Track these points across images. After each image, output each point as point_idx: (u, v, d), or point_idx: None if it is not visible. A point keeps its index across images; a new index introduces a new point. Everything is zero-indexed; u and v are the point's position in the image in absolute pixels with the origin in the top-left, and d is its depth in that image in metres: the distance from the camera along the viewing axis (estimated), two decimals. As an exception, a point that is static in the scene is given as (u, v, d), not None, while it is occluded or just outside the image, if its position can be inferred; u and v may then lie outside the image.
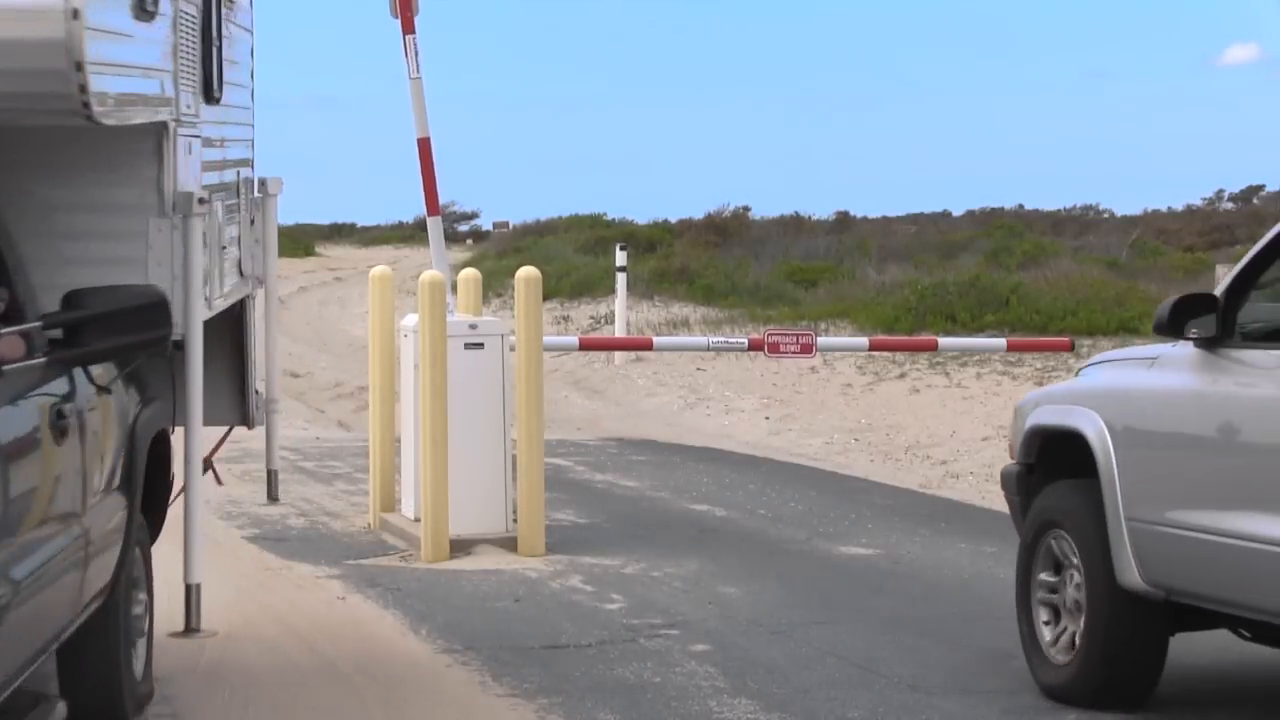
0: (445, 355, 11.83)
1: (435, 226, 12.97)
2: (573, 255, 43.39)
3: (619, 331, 26.76)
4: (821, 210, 66.56)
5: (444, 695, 8.47)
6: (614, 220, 59.29)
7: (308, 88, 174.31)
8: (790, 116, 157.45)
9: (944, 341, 16.75)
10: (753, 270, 35.81)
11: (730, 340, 12.25)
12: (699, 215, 51.66)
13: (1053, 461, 8.39)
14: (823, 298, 30.56)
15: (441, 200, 12.94)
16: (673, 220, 54.80)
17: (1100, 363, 8.54)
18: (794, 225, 50.99)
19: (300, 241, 79.70)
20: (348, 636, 9.72)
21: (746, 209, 54.00)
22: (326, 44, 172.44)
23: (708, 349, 12.19)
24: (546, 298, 27.15)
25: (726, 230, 48.03)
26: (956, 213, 69.87)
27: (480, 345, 12.23)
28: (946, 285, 28.03)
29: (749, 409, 21.14)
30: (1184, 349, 7.65)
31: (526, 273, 12.22)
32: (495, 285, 32.64)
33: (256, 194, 10.47)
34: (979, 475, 16.19)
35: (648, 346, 12.46)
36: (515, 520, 12.15)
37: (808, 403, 21.36)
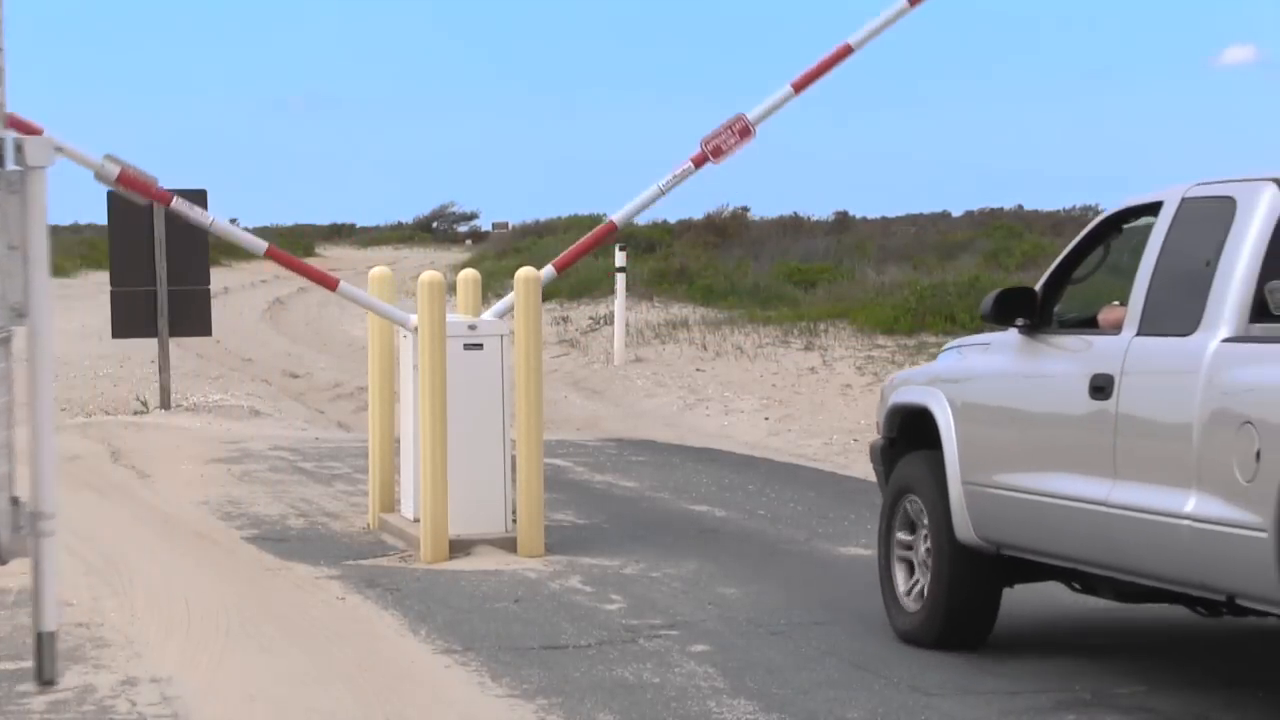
0: (444, 356, 11.83)
1: (547, 276, 12.93)
2: (572, 256, 43.35)
3: (619, 333, 26.77)
4: (821, 211, 66.59)
5: (443, 695, 8.48)
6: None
7: (307, 88, 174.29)
8: (789, 117, 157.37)
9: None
10: (752, 271, 35.83)
11: (677, 171, 12.30)
12: (698, 216, 51.64)
13: (909, 435, 9.52)
14: (822, 298, 30.54)
15: (441, 201, 12.99)
16: (672, 221, 54.78)
17: (952, 348, 9.67)
18: (793, 226, 51.02)
19: (300, 242, 79.75)
20: (347, 637, 9.73)
21: (745, 209, 53.98)
22: (327, 44, 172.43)
23: (660, 193, 12.23)
24: (546, 298, 27.16)
25: (726, 231, 48.06)
26: (956, 213, 69.86)
27: (480, 346, 12.23)
28: (946, 286, 28.02)
29: (748, 409, 21.14)
30: (1011, 335, 8.86)
31: (526, 273, 12.22)
32: (495, 286, 32.63)
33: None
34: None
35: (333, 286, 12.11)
36: (515, 521, 12.15)
37: (807, 403, 21.35)
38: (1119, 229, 8.83)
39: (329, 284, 13.05)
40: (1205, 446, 7.41)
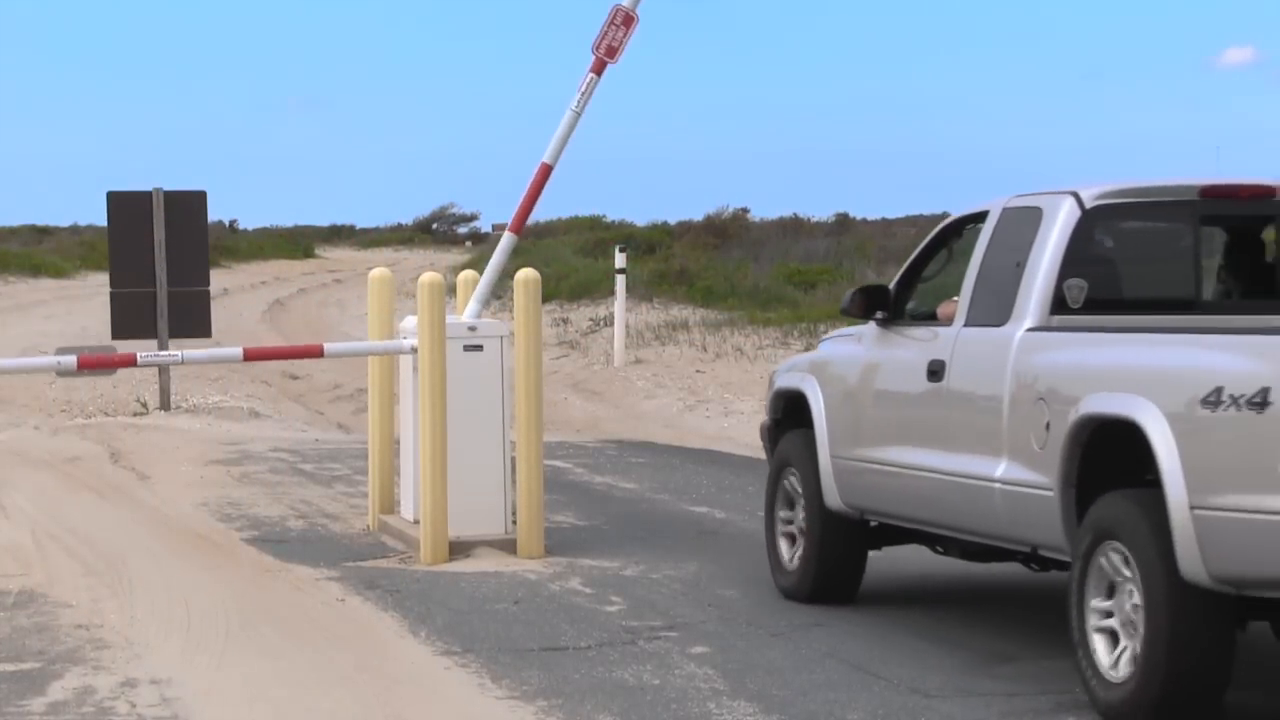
0: (444, 357, 11.83)
1: (508, 243, 12.93)
2: (572, 257, 43.38)
3: (619, 334, 26.75)
4: (821, 212, 66.65)
5: (443, 697, 8.48)
6: (613, 222, 59.33)
7: (307, 89, 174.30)
8: (789, 118, 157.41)
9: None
10: (752, 272, 35.81)
11: (582, 87, 12.18)
12: (698, 217, 51.68)
13: (790, 416, 10.84)
14: (822, 300, 30.52)
15: (440, 203, 12.99)
16: (672, 222, 54.85)
17: (828, 339, 11.08)
18: (793, 227, 51.00)
19: (299, 243, 79.76)
20: (347, 638, 9.73)
21: (745, 211, 54.00)
22: (327, 45, 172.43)
23: (576, 114, 12.12)
24: (546, 300, 27.14)
25: (726, 232, 48.03)
26: (956, 214, 69.81)
27: (479, 347, 12.23)
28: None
29: (748, 411, 21.12)
30: (871, 327, 10.14)
31: (525, 275, 12.22)
32: (495, 287, 32.63)
33: None
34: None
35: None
36: (514, 522, 12.15)
37: (807, 405, 21.33)
38: (959, 234, 10.02)
39: (315, 353, 13.15)
40: (1011, 421, 8.64)
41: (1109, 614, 7.97)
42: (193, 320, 21.20)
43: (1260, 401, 7.16)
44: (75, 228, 77.44)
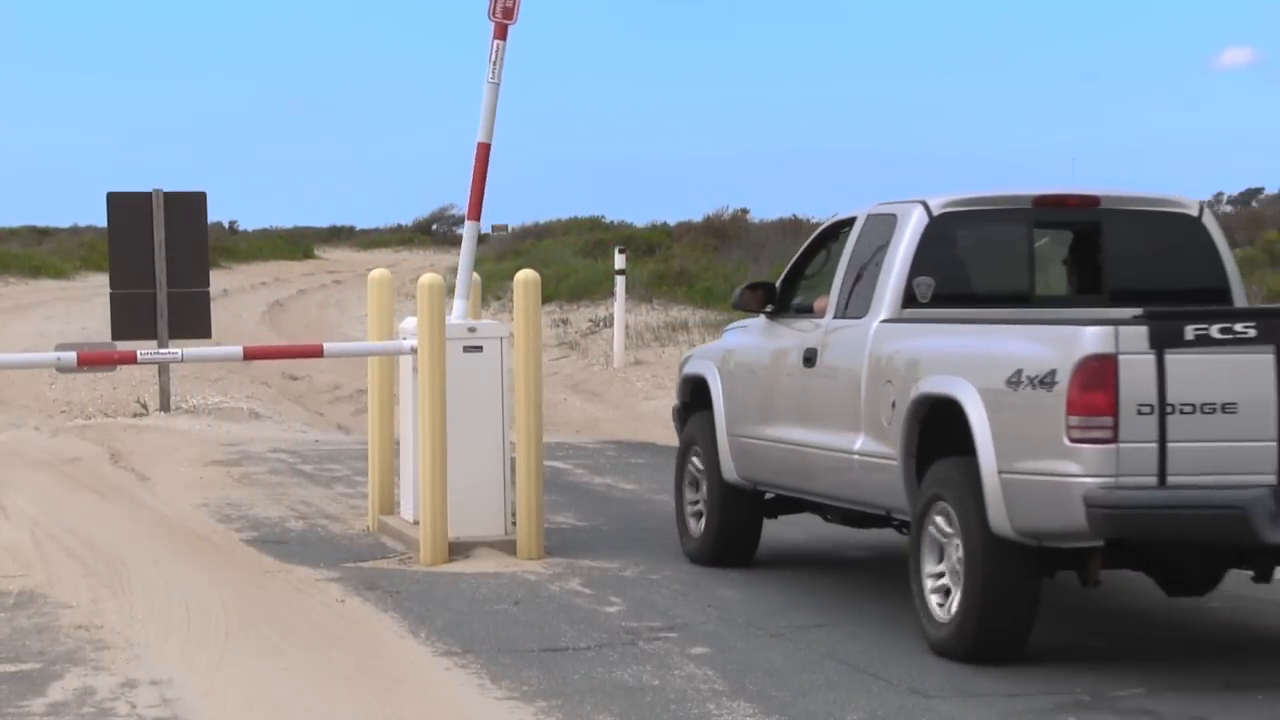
0: (444, 358, 11.83)
1: (471, 232, 12.95)
2: (571, 258, 43.37)
3: (618, 335, 26.75)
4: (820, 213, 66.53)
5: (443, 697, 8.48)
6: (613, 223, 59.28)
7: (306, 91, 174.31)
8: (789, 119, 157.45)
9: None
10: (752, 273, 35.76)
11: (491, 56, 12.07)
12: (698, 218, 51.61)
13: (695, 399, 11.98)
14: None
15: (440, 204, 13.01)
16: (671, 223, 54.79)
17: (729, 329, 12.17)
18: (793, 228, 50.92)
19: (299, 244, 79.77)
20: (347, 639, 9.73)
21: (745, 211, 53.93)
22: (327, 46, 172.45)
23: (495, 85, 11.99)
24: (545, 301, 27.14)
25: (725, 233, 47.99)
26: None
27: (479, 348, 12.23)
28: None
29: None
30: (762, 319, 11.34)
31: (525, 275, 12.22)
32: (494, 288, 32.63)
33: None
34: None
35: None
36: (514, 523, 12.16)
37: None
38: (836, 237, 11.03)
39: (315, 353, 13.18)
40: (867, 401, 9.90)
41: (940, 573, 9.12)
42: (192, 321, 21.20)
43: (1049, 381, 8.43)
44: (75, 229, 77.43)
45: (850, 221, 10.79)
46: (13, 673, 8.91)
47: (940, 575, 9.11)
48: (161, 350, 13.47)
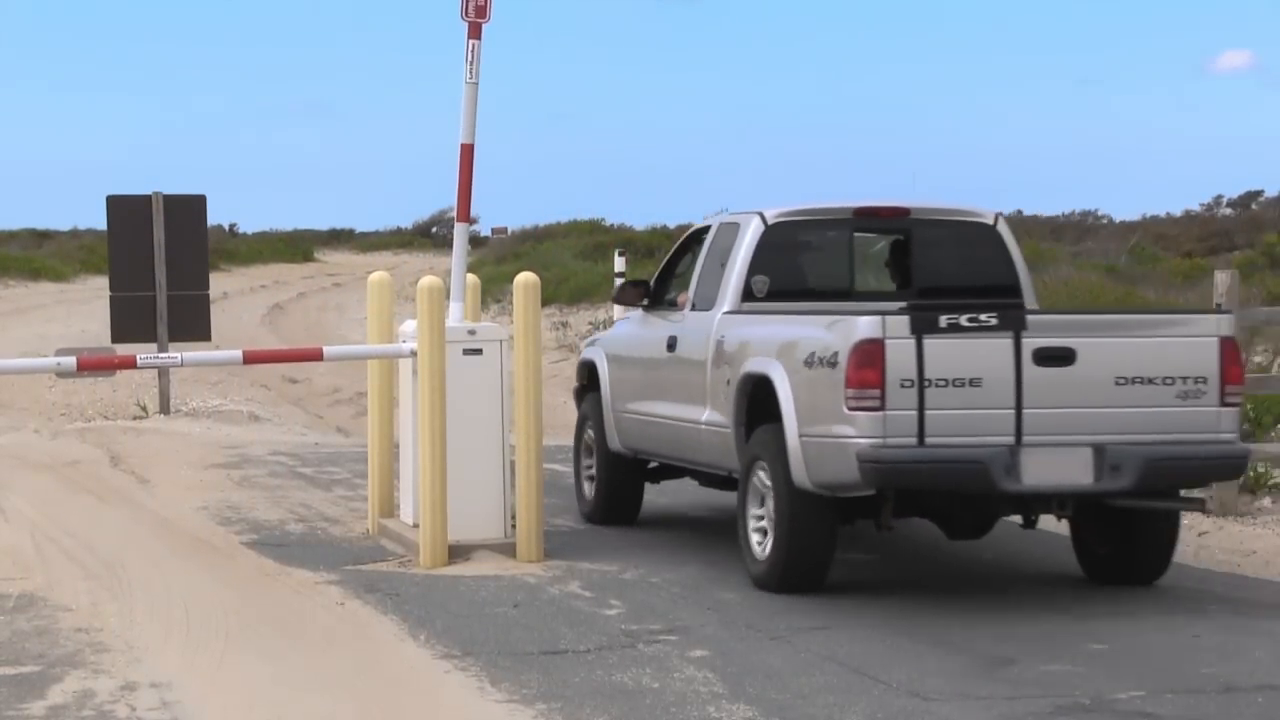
0: (444, 361, 11.83)
1: (462, 233, 12.96)
2: (571, 261, 43.39)
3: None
4: (820, 216, 66.37)
5: (442, 700, 8.48)
6: (612, 225, 59.28)
7: (306, 94, 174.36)
8: (788, 122, 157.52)
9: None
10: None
11: (468, 56, 12.05)
12: (698, 220, 51.53)
13: (589, 381, 13.78)
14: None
15: (439, 206, 13.06)
16: (671, 225, 54.76)
17: (619, 320, 14.12)
18: (792, 231, 50.80)
19: (299, 247, 79.78)
20: (346, 642, 9.73)
21: (745, 214, 53.77)
22: (325, 49, 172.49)
23: (474, 85, 11.97)
24: (545, 303, 27.13)
25: (725, 236, 47.88)
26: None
27: (479, 351, 12.23)
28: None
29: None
30: (639, 312, 13.26)
31: (525, 278, 12.23)
32: (494, 291, 32.65)
33: None
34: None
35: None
36: (514, 526, 12.16)
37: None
38: (698, 240, 12.82)
39: (315, 357, 13.46)
40: (711, 379, 11.74)
41: (761, 517, 10.99)
42: (192, 324, 21.22)
43: (834, 361, 10.19)
44: (75, 231, 77.41)
45: (708, 228, 12.69)
46: (12, 675, 8.91)
47: (761, 519, 10.99)
48: (161, 355, 13.56)
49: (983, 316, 10.21)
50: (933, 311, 10.18)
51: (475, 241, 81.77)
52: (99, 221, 23.51)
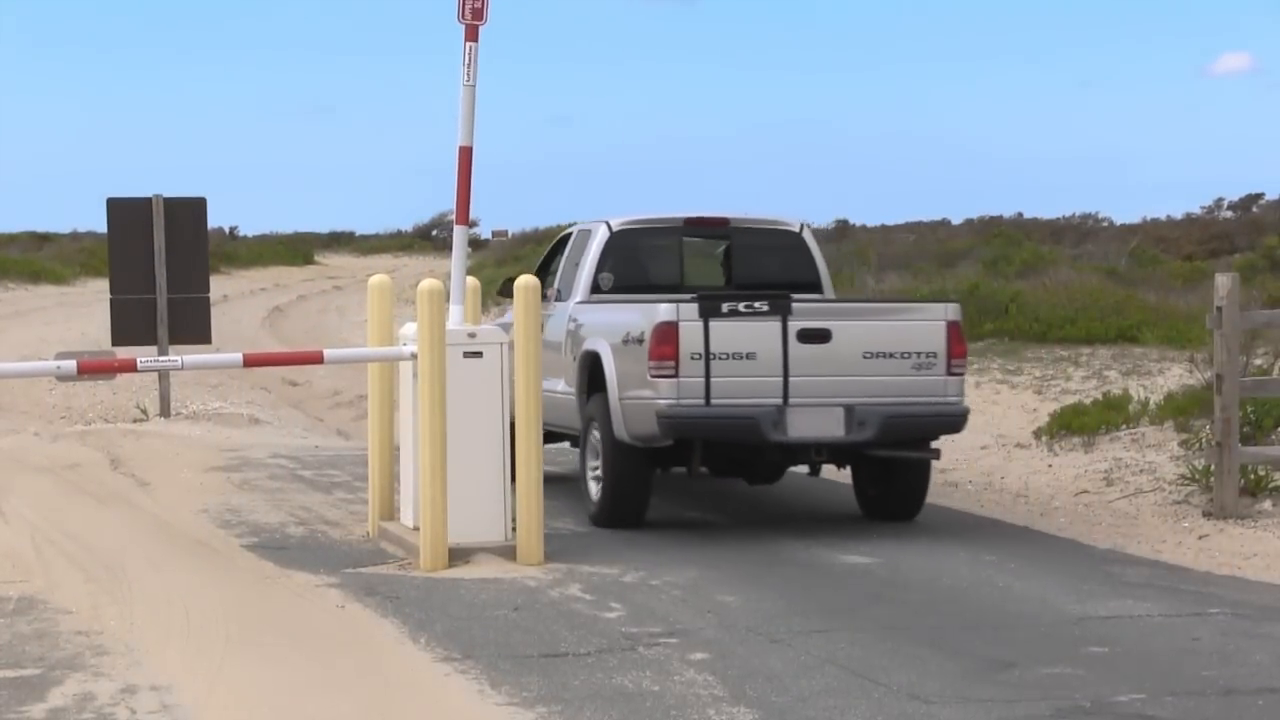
0: (444, 364, 11.83)
1: (461, 236, 12.97)
2: (572, 263, 43.26)
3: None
4: (821, 218, 66.63)
5: (443, 703, 8.48)
6: (613, 228, 59.17)
7: (306, 96, 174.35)
8: (788, 124, 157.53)
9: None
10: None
11: (465, 59, 12.18)
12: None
13: None
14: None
15: (440, 209, 13.12)
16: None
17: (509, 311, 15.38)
18: (793, 233, 50.76)
19: (299, 249, 79.77)
20: (347, 645, 9.73)
21: (745, 217, 53.75)
22: (325, 52, 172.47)
23: (471, 88, 12.05)
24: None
25: (725, 238, 47.88)
26: (955, 221, 69.92)
27: (479, 354, 12.23)
28: (946, 293, 28.02)
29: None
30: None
31: (525, 281, 12.23)
32: (494, 293, 32.60)
33: None
34: (978, 484, 16.19)
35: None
36: (514, 529, 12.15)
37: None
38: (565, 243, 15.43)
39: (315, 360, 13.68)
40: (566, 357, 14.18)
41: (596, 468, 13.46)
42: (192, 326, 21.23)
43: (641, 339, 12.81)
44: (75, 234, 77.36)
45: (571, 234, 15.38)
46: (13, 678, 8.91)
47: (596, 469, 13.49)
48: (162, 358, 13.69)
49: (756, 304, 12.82)
50: (718, 300, 12.82)
51: (475, 244, 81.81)
52: (99, 224, 23.52)
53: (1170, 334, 24.53)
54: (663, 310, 12.72)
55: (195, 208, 21.54)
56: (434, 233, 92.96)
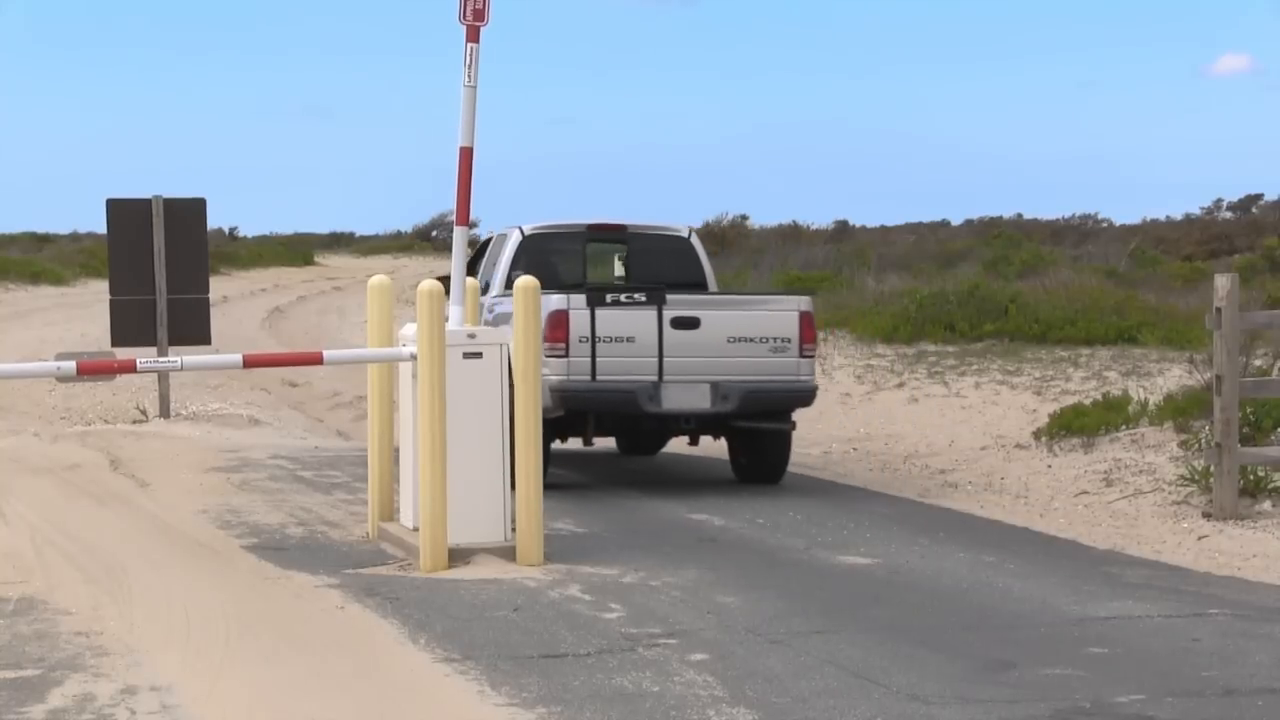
0: (444, 365, 11.83)
1: (461, 237, 12.97)
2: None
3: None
4: (820, 219, 66.68)
5: (442, 704, 8.48)
6: (613, 229, 59.10)
7: (305, 97, 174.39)
8: (789, 125, 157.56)
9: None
10: (752, 279, 35.82)
11: (466, 59, 12.16)
12: (697, 224, 51.58)
13: None
14: (821, 307, 30.48)
15: (440, 210, 13.10)
16: (672, 228, 54.68)
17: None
18: (793, 234, 51.02)
19: (299, 250, 79.78)
20: (346, 645, 9.73)
21: (745, 218, 54.00)
22: (325, 53, 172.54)
23: (472, 88, 12.03)
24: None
25: (725, 239, 48.05)
26: (955, 222, 70.01)
27: (479, 355, 12.23)
28: (946, 295, 28.04)
29: (748, 418, 21.10)
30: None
31: (525, 282, 12.23)
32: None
33: None
34: (977, 485, 16.20)
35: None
36: (514, 529, 12.16)
37: (806, 411, 21.36)
38: (487, 245, 17.57)
39: (315, 361, 13.39)
40: None
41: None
42: (192, 327, 21.23)
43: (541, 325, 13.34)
44: (75, 235, 77.43)
45: (492, 238, 17.53)
46: (12, 679, 8.91)
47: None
48: (161, 359, 13.79)
49: (636, 296, 15.05)
50: (603, 292, 15.10)
51: (475, 245, 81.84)
52: (99, 225, 23.52)
53: (1170, 335, 24.55)
54: (555, 300, 14.92)
55: (195, 208, 21.54)
56: (434, 233, 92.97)
